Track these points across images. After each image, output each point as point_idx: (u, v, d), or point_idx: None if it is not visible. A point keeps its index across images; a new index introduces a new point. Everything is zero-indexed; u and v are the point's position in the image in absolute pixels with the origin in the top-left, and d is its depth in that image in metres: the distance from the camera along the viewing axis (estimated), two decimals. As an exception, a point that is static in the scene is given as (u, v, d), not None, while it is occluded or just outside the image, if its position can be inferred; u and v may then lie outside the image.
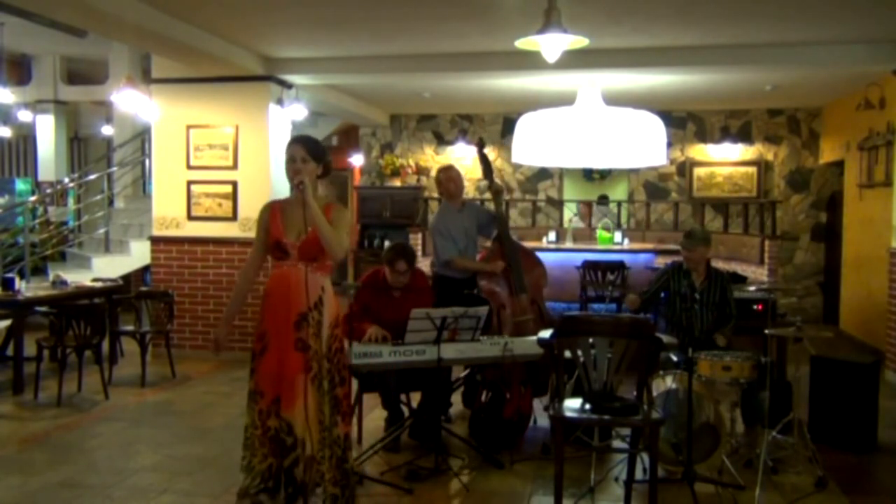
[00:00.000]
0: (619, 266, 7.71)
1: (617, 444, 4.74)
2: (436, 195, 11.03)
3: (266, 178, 7.44)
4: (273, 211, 3.51)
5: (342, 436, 3.44)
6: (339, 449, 3.42)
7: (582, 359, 3.58)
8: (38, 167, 11.12)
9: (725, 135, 10.64)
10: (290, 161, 3.42)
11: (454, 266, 5.45)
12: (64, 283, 7.03)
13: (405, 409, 4.94)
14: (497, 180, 5.64)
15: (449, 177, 5.51)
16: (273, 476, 3.38)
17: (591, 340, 3.60)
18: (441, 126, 11.43)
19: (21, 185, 13.07)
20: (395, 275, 4.77)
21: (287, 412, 3.33)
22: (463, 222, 5.53)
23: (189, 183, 7.58)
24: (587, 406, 3.58)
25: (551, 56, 4.78)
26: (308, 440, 3.35)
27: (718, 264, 6.51)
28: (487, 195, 8.95)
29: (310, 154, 3.42)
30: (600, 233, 9.37)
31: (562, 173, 11.17)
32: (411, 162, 11.46)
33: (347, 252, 3.61)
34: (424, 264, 7.46)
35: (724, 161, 10.68)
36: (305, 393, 3.33)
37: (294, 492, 3.37)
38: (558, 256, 7.92)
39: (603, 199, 10.84)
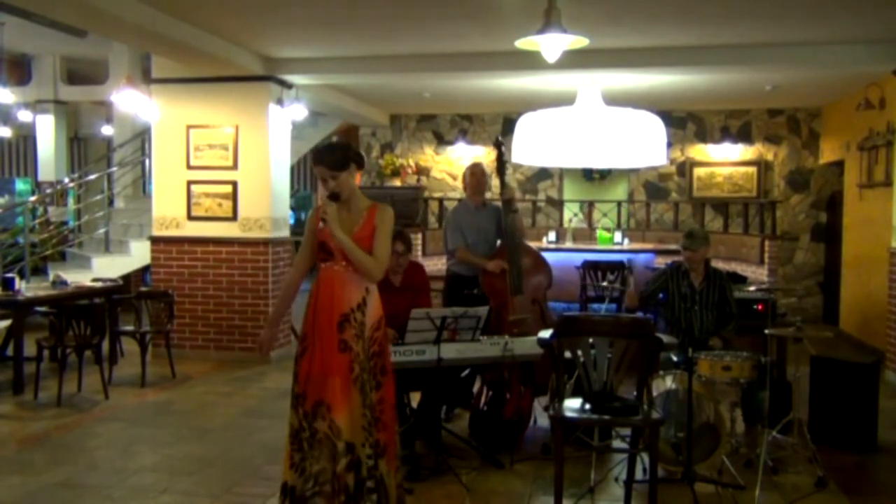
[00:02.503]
0: (619, 266, 7.71)
1: (617, 444, 4.75)
2: (436, 195, 11.10)
3: (266, 178, 7.45)
4: (318, 213, 3.49)
5: (379, 442, 3.38)
6: (372, 452, 3.39)
7: (582, 359, 3.58)
8: (38, 167, 11.13)
9: (725, 135, 10.64)
10: (323, 182, 3.43)
11: (457, 256, 5.57)
12: (64, 283, 7.04)
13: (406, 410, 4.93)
14: (507, 183, 5.74)
15: (473, 172, 5.79)
16: (329, 480, 3.28)
17: (591, 340, 3.60)
18: (441, 126, 11.42)
19: (21, 185, 13.10)
20: (394, 257, 4.78)
21: (337, 416, 3.27)
22: (479, 220, 5.63)
23: (189, 183, 7.58)
24: (587, 406, 3.58)
25: (551, 56, 4.78)
26: (356, 443, 3.30)
27: (719, 264, 6.51)
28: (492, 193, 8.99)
29: (333, 168, 3.38)
30: (600, 233, 9.38)
31: (562, 173, 11.17)
32: (411, 162, 11.45)
33: (385, 266, 3.54)
34: (426, 264, 7.44)
35: (724, 161, 10.67)
36: (349, 396, 3.28)
37: (348, 499, 3.30)
38: (558, 256, 7.92)
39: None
